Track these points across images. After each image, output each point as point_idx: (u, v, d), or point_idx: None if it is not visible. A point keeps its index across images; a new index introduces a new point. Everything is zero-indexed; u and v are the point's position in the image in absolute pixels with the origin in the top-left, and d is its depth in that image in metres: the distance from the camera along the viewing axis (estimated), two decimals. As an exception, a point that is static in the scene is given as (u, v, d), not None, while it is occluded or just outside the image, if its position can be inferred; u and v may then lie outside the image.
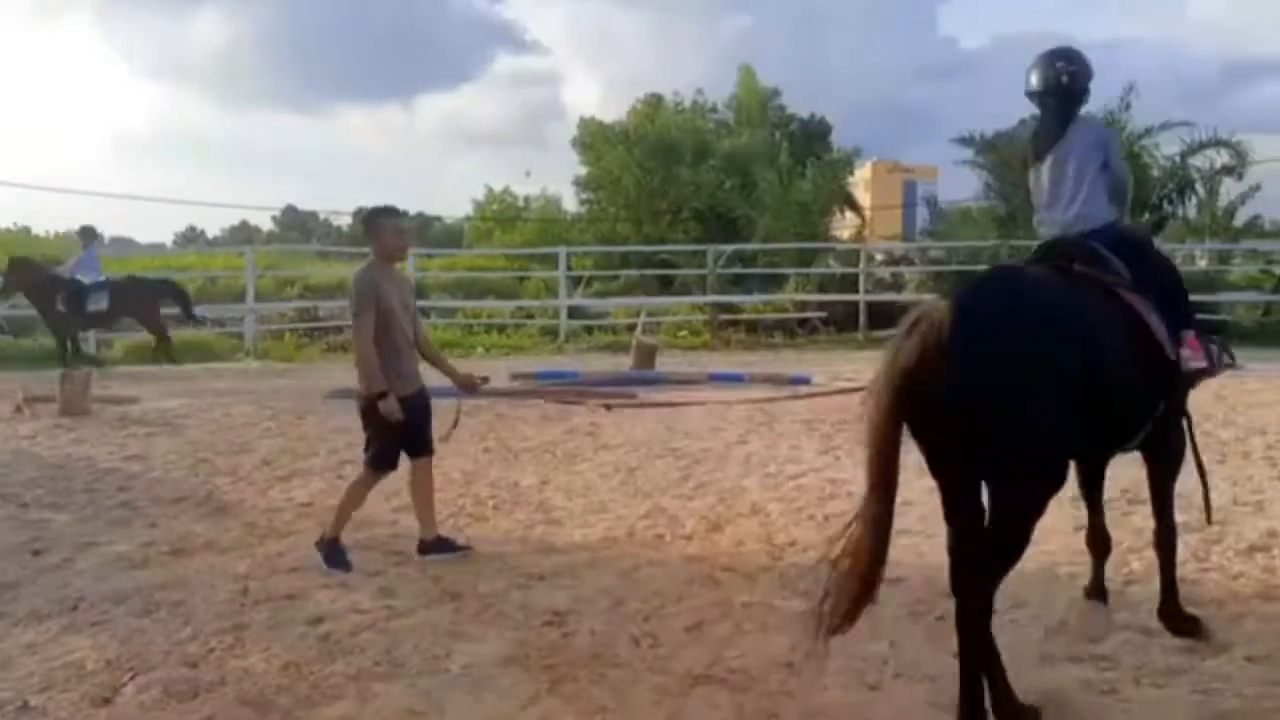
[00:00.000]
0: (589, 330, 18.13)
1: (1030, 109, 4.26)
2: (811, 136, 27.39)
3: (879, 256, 21.64)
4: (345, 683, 3.54)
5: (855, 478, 6.63)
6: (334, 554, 4.84)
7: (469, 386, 5.28)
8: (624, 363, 13.40)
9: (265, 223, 58.56)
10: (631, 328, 16.99)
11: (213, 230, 56.80)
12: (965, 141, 20.50)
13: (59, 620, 4.17)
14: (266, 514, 5.91)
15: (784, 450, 7.66)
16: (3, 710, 3.34)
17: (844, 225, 26.32)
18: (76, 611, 4.28)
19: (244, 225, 55.62)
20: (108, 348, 15.47)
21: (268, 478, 6.88)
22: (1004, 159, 19.85)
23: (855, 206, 25.38)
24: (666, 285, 21.28)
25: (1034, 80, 4.05)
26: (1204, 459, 4.04)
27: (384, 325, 4.77)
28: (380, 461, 4.97)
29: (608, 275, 21.86)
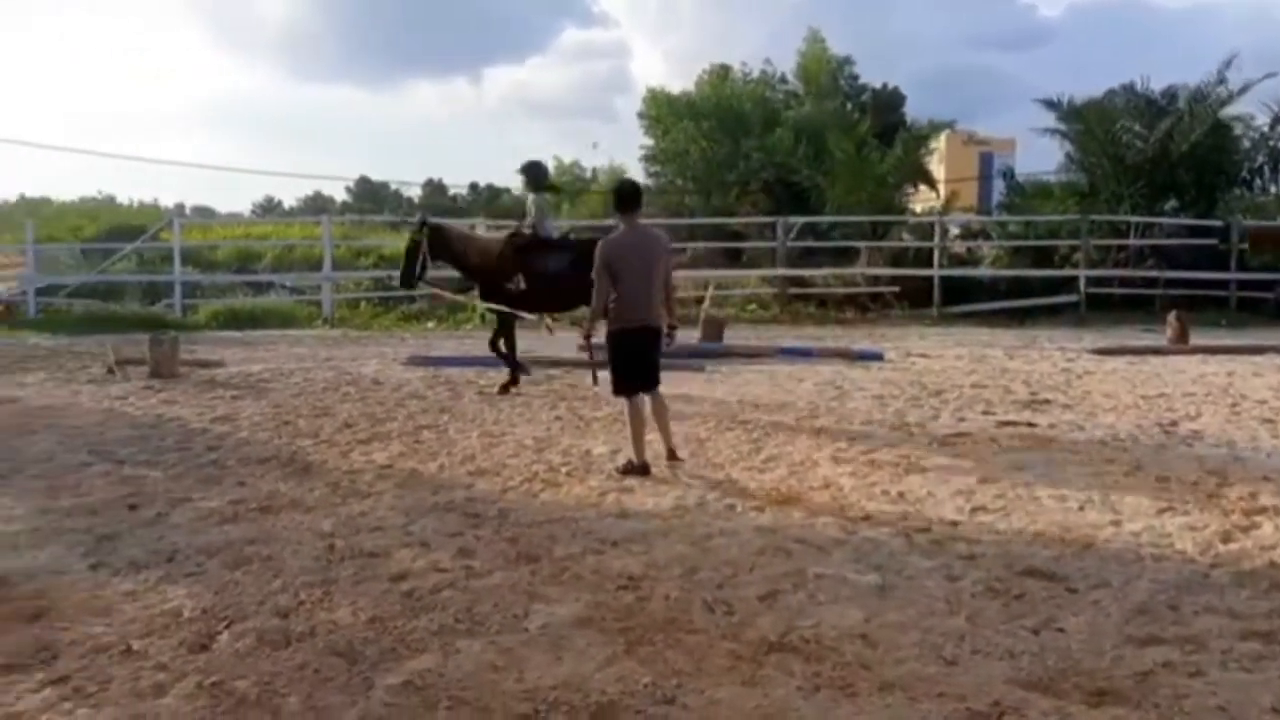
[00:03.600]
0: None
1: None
2: (883, 108, 26.80)
3: (954, 230, 21.12)
4: (429, 638, 3.64)
5: (930, 454, 6.58)
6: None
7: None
8: (692, 335, 13.38)
9: (339, 193, 59.67)
10: (699, 300, 16.95)
11: (289, 200, 58.09)
12: (1050, 105, 19.71)
13: (156, 570, 4.37)
14: (348, 475, 6.08)
15: (855, 425, 7.60)
16: (108, 653, 3.52)
17: (918, 198, 25.77)
18: (172, 563, 4.48)
19: (318, 195, 56.78)
20: (193, 313, 16.00)
21: (348, 440, 7.08)
22: (1089, 128, 19.17)
23: (930, 180, 24.82)
24: (734, 258, 21.13)
25: (536, 166, 9.51)
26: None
27: None
28: None
29: (675, 248, 21.75)
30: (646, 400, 6.28)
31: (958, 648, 3.54)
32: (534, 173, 9.38)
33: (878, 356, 11.51)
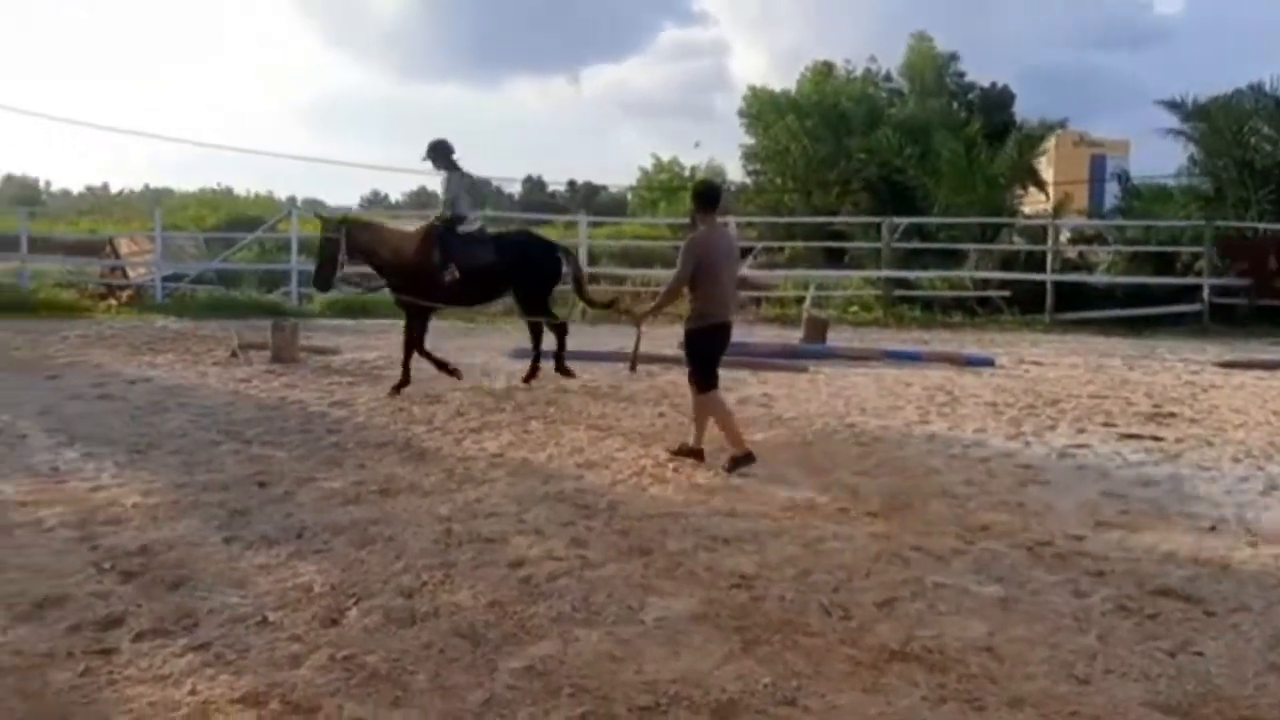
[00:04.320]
0: (755, 302, 18.01)
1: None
2: (992, 107, 26.04)
3: (1066, 234, 20.36)
4: (548, 624, 3.70)
5: (1049, 465, 6.38)
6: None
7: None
8: (794, 336, 13.27)
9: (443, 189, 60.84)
10: (800, 301, 16.76)
11: (395, 195, 59.51)
12: (1173, 106, 18.78)
13: (287, 546, 4.55)
14: (462, 462, 6.23)
15: (969, 433, 7.41)
16: (245, 623, 3.68)
17: (1027, 201, 24.96)
18: (301, 539, 4.66)
19: (422, 190, 58.05)
20: (309, 301, 16.61)
21: (461, 428, 7.25)
22: (1215, 129, 18.24)
23: (1040, 182, 24.00)
24: (836, 258, 20.82)
25: (442, 144, 9.00)
26: None
27: None
28: None
29: (774, 246, 21.58)
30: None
31: (1089, 666, 3.42)
32: (440, 151, 8.95)
33: (989, 362, 11.20)
